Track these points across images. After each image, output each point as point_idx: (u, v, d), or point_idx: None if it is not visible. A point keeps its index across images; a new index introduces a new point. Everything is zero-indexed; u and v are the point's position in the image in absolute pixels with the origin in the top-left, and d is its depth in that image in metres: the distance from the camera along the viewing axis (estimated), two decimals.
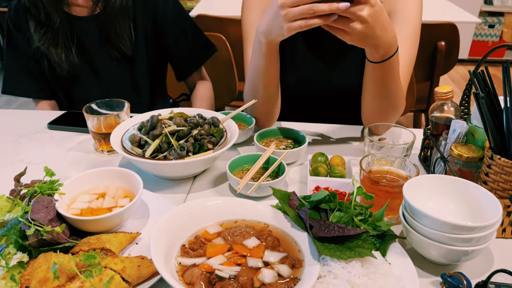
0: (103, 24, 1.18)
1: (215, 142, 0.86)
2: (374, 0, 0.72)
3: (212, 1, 2.59)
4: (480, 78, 0.76)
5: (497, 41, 3.96)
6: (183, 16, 1.29)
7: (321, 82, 1.09)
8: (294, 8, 0.72)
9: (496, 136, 0.71)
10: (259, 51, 0.88)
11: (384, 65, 0.84)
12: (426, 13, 2.30)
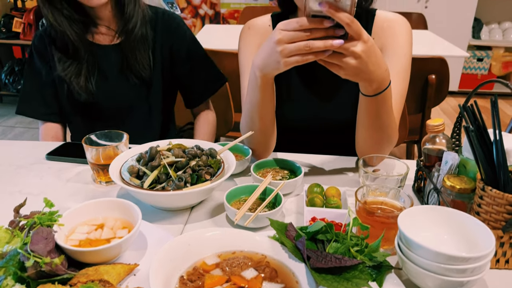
0: (124, 52, 1.23)
1: (212, 173, 0.88)
2: (367, 37, 0.76)
3: (209, 35, 2.65)
4: (470, 112, 0.78)
5: (486, 74, 4.06)
6: (197, 48, 1.35)
7: (316, 115, 1.12)
8: (290, 44, 0.75)
9: (486, 168, 0.73)
10: (255, 84, 0.91)
11: (378, 98, 0.86)
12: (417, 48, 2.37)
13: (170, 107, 1.41)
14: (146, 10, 1.24)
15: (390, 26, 1.06)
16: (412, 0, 3.75)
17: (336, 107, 1.11)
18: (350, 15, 0.71)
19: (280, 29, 0.76)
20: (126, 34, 1.21)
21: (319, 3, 0.70)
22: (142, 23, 1.22)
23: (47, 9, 1.15)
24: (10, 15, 3.70)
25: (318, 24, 0.73)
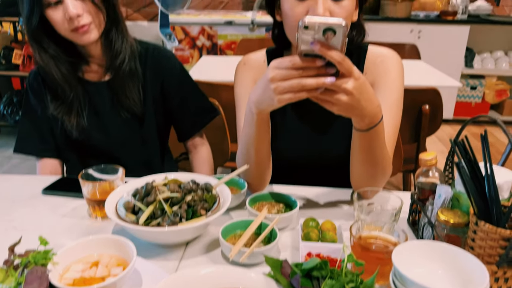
0: (114, 88, 1.25)
1: (208, 208, 0.88)
2: (358, 74, 0.77)
3: (207, 66, 2.69)
4: (461, 146, 0.80)
5: (480, 102, 4.11)
6: (188, 81, 1.36)
7: (310, 148, 1.13)
8: (283, 82, 0.77)
9: (479, 202, 0.73)
10: (251, 119, 0.92)
11: (370, 133, 0.88)
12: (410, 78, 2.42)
13: (164, 140, 1.42)
14: (134, 46, 1.26)
15: (382, 61, 1.08)
16: (405, 31, 3.83)
17: (331, 140, 1.12)
18: (341, 53, 0.73)
19: (273, 67, 0.78)
20: (115, 70, 1.23)
21: (311, 42, 0.73)
22: (130, 58, 1.23)
23: (35, 48, 1.16)
24: (10, 47, 3.76)
25: (310, 63, 0.75)
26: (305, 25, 0.71)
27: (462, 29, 3.84)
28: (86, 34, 1.14)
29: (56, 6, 1.10)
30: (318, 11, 0.91)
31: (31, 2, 1.09)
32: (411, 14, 3.90)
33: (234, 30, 3.93)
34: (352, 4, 0.97)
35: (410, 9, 3.85)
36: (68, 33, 1.13)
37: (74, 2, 1.10)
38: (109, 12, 1.18)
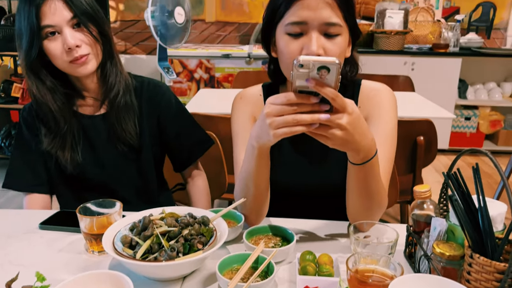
0: (110, 122, 1.25)
1: (205, 242, 0.88)
2: (351, 109, 0.80)
3: (204, 99, 2.73)
4: (454, 179, 0.81)
5: (475, 132, 4.15)
6: (183, 113, 1.38)
7: (307, 180, 1.14)
8: (279, 117, 0.79)
9: (473, 235, 0.74)
10: (251, 154, 0.94)
11: (365, 166, 0.89)
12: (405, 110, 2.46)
13: (161, 171, 1.42)
14: (129, 80, 1.27)
15: (375, 95, 1.11)
16: (398, 63, 3.91)
17: (327, 171, 1.14)
18: (334, 90, 0.76)
19: (269, 103, 0.80)
20: (110, 103, 1.24)
21: (305, 79, 0.75)
22: (125, 92, 1.24)
23: (32, 80, 1.17)
24: (10, 81, 3.80)
25: (305, 99, 0.77)
26: (299, 64, 0.74)
27: (455, 61, 3.92)
28: (84, 65, 1.15)
29: (55, 38, 1.12)
30: (312, 48, 0.94)
31: (31, 34, 1.11)
32: (404, 47, 3.99)
33: (231, 63, 4.01)
34: (345, 41, 1.01)
35: (403, 42, 3.94)
36: (66, 65, 1.15)
37: (73, 33, 1.13)
38: (105, 46, 1.20)
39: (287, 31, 0.98)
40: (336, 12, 0.96)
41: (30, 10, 1.10)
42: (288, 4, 0.97)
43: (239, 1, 4.41)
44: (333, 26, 0.95)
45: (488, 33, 4.39)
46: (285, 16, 0.98)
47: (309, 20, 0.95)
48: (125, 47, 4.52)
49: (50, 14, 1.11)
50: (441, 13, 4.30)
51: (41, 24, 1.11)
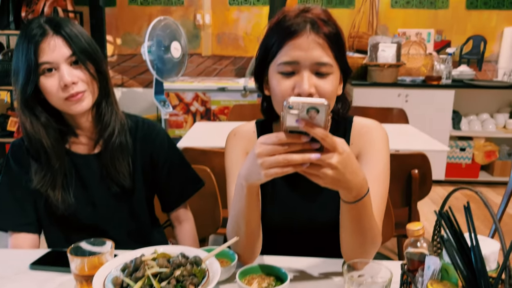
0: (104, 162, 1.24)
1: (197, 283, 0.87)
2: (341, 148, 0.80)
3: (200, 132, 2.75)
4: (446, 218, 0.81)
5: (470, 163, 4.17)
6: (175, 153, 1.37)
7: (300, 216, 1.14)
8: (270, 157, 0.80)
9: (466, 274, 0.74)
10: (241, 193, 0.94)
11: (358, 205, 0.89)
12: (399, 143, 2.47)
13: (152, 210, 1.41)
14: (124, 119, 1.27)
15: (367, 132, 1.12)
16: (392, 95, 3.97)
17: (320, 207, 1.14)
18: (324, 130, 0.77)
19: (260, 143, 0.81)
20: (105, 143, 1.23)
21: (295, 120, 0.76)
22: (120, 132, 1.24)
23: (26, 116, 1.16)
24: (6, 115, 3.83)
25: (295, 139, 0.78)
26: (289, 105, 0.75)
27: (448, 93, 3.98)
28: (79, 103, 1.15)
29: (51, 74, 1.12)
30: (304, 87, 0.96)
31: (28, 70, 1.11)
32: (398, 79, 4.05)
33: (227, 96, 4.06)
34: (336, 79, 1.03)
35: (396, 74, 4.01)
36: (61, 102, 1.14)
37: (70, 70, 1.13)
38: (102, 84, 1.20)
39: (279, 70, 1.00)
40: (327, 52, 0.99)
41: (28, 47, 1.11)
42: (280, 44, 1.00)
43: (235, 36, 4.50)
44: (324, 65, 0.98)
45: (479, 65, 4.48)
46: (277, 56, 1.00)
47: (301, 60, 0.98)
48: (122, 80, 4.57)
49: (49, 51, 1.11)
50: (433, 46, 4.40)
51: (38, 61, 1.11)
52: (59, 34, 1.13)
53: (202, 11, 4.45)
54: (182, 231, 1.41)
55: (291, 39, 0.98)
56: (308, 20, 0.99)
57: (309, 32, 0.98)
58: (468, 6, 4.36)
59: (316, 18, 1.00)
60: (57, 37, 1.12)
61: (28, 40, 1.12)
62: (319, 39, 0.98)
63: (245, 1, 4.43)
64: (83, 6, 4.14)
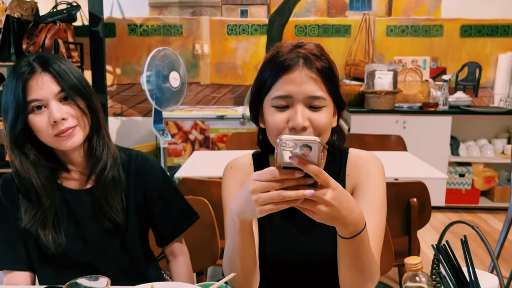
0: (96, 197, 1.22)
1: None
2: (335, 184, 0.81)
3: (198, 162, 2.75)
4: (443, 252, 0.81)
5: (470, 188, 4.16)
6: (169, 187, 1.36)
7: (298, 249, 1.13)
8: (264, 193, 0.79)
9: None
10: (234, 229, 0.93)
11: (355, 240, 0.89)
12: (397, 171, 2.47)
13: (147, 244, 1.38)
14: (117, 153, 1.26)
15: (363, 164, 1.12)
16: (390, 122, 3.99)
17: (318, 239, 1.12)
18: (317, 166, 0.77)
19: (254, 180, 0.81)
20: (97, 177, 1.22)
21: (289, 157, 0.77)
22: (113, 166, 1.22)
23: (16, 154, 1.14)
24: (3, 145, 3.84)
25: (289, 175, 0.78)
26: (282, 143, 0.76)
27: (445, 119, 4.00)
28: (70, 138, 1.13)
29: (41, 112, 1.11)
30: (298, 120, 0.97)
31: (16, 108, 1.10)
32: (395, 106, 4.08)
33: (225, 124, 4.08)
34: (330, 112, 1.04)
35: (393, 101, 4.04)
36: (51, 138, 1.13)
37: (59, 106, 1.12)
38: (93, 118, 1.19)
39: (273, 104, 1.02)
40: (320, 86, 1.00)
41: (17, 85, 1.11)
42: (274, 79, 1.02)
43: (233, 65, 4.56)
44: (317, 99, 1.00)
45: (475, 91, 4.52)
46: (271, 90, 1.02)
47: (294, 94, 0.99)
48: (121, 109, 4.61)
49: (37, 88, 1.11)
50: (429, 73, 4.45)
51: (27, 99, 1.10)
52: (47, 71, 1.13)
53: (201, 41, 4.52)
54: (177, 265, 1.38)
55: (284, 74, 1.00)
56: (301, 55, 1.01)
57: (302, 67, 1.00)
58: (462, 34, 4.44)
59: (308, 53, 1.02)
60: (45, 74, 1.12)
61: (16, 78, 1.12)
62: (312, 73, 1.00)
63: (243, 31, 4.51)
64: (83, 38, 4.21)
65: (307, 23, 4.48)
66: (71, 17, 3.82)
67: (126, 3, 4.46)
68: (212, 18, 4.51)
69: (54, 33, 3.53)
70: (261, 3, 4.48)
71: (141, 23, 4.48)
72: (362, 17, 4.41)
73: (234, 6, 4.50)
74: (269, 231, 1.14)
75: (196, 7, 4.49)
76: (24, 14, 3.75)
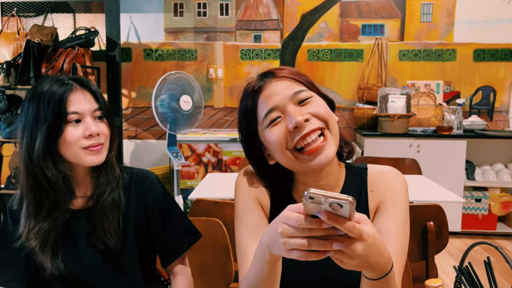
0: (93, 218, 1.22)
1: None
2: (367, 235, 0.74)
3: (212, 184, 2.75)
4: (466, 274, 0.79)
5: (487, 214, 4.08)
6: (170, 203, 1.34)
7: (317, 276, 1.08)
8: (291, 239, 0.75)
9: None
10: (263, 259, 0.89)
11: (381, 281, 0.85)
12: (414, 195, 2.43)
13: (149, 266, 1.35)
14: (121, 176, 1.27)
15: (387, 178, 1.09)
16: (404, 146, 3.96)
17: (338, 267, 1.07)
18: (350, 222, 0.72)
19: (282, 222, 0.77)
20: (97, 199, 1.22)
21: (317, 212, 0.71)
22: (114, 189, 1.23)
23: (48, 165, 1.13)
24: None
25: (317, 225, 0.73)
26: (310, 196, 0.70)
27: (460, 143, 3.96)
28: (98, 155, 1.17)
29: (76, 125, 1.15)
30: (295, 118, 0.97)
31: (56, 118, 1.12)
32: (409, 130, 4.06)
33: (238, 147, 4.09)
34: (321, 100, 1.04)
35: (407, 125, 4.02)
36: (79, 151, 1.15)
37: (95, 122, 1.18)
38: (111, 143, 1.24)
39: (266, 123, 1.02)
40: (296, 84, 1.03)
41: (56, 97, 1.13)
42: (254, 102, 1.04)
43: None
44: (300, 92, 1.01)
45: (490, 115, 4.49)
46: (258, 115, 1.03)
47: (278, 101, 1.00)
48: (136, 132, 4.66)
49: (77, 102, 1.16)
50: (442, 97, 4.43)
51: (67, 110, 1.14)
52: (87, 88, 1.19)
53: (215, 66, 4.58)
54: (175, 284, 1.34)
55: (259, 94, 1.03)
56: (265, 74, 1.06)
57: (271, 80, 1.04)
58: (475, 58, 4.44)
59: (270, 70, 1.06)
60: (85, 91, 1.18)
61: (55, 92, 1.14)
62: (282, 80, 1.03)
63: (256, 55, 4.57)
64: (100, 62, 4.30)
65: (319, 47, 4.52)
66: (89, 42, 3.91)
67: (143, 29, 4.57)
68: (226, 43, 4.58)
69: (72, 57, 3.61)
70: (274, 28, 4.55)
71: (157, 47, 4.57)
72: (374, 41, 4.44)
73: (248, 31, 4.58)
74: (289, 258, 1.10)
75: (210, 32, 4.57)
76: (44, 40, 3.86)
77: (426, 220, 1.91)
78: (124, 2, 4.42)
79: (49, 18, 4.35)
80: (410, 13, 4.45)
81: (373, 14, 4.48)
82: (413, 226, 1.92)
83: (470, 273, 0.79)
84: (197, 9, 4.57)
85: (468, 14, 4.39)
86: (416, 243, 1.95)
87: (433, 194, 2.44)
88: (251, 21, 4.57)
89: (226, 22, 4.58)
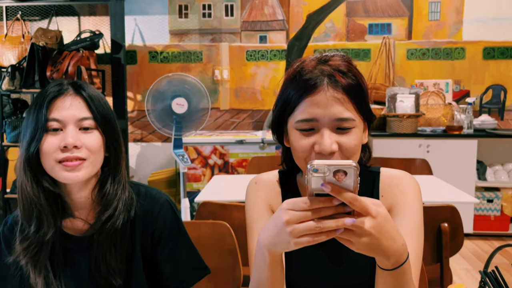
0: (94, 249, 1.08)
1: None
2: (375, 211, 0.73)
3: (218, 186, 2.71)
4: (492, 278, 0.74)
5: (499, 215, 4.00)
6: (180, 232, 1.18)
7: (330, 276, 1.05)
8: (300, 224, 0.72)
9: None
10: (263, 262, 0.86)
11: (396, 272, 0.81)
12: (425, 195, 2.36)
13: None
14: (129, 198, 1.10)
15: (398, 183, 1.05)
16: (413, 146, 3.90)
17: (352, 267, 1.04)
18: (353, 194, 0.70)
19: (287, 209, 0.74)
20: (100, 227, 1.06)
21: (321, 184, 0.70)
22: (121, 214, 1.07)
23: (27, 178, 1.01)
24: None
25: (326, 203, 0.72)
26: (314, 168, 0.70)
27: (470, 143, 3.89)
28: (74, 172, 1.00)
29: (55, 133, 1.01)
30: (325, 145, 0.91)
31: (35, 126, 1.00)
32: (418, 130, 3.99)
33: (245, 149, 4.04)
34: (360, 131, 0.97)
35: (416, 125, 3.96)
36: (53, 164, 1.00)
37: (76, 133, 1.01)
38: (111, 158, 1.07)
39: (298, 127, 0.96)
40: (347, 106, 0.93)
41: (42, 103, 1.02)
42: (298, 100, 0.95)
43: (252, 90, 4.56)
44: (345, 121, 0.93)
45: (501, 114, 4.40)
46: (295, 112, 0.96)
47: (320, 117, 0.93)
48: (141, 135, 4.63)
49: (62, 109, 1.02)
50: (452, 96, 4.36)
51: (48, 116, 1.00)
52: (79, 94, 1.05)
53: (220, 67, 4.55)
54: None
55: (308, 96, 0.93)
56: (326, 72, 0.94)
57: (327, 87, 0.93)
58: (485, 56, 4.36)
59: (333, 71, 0.94)
60: (76, 97, 1.04)
61: (44, 96, 1.03)
62: (337, 93, 0.92)
63: (262, 56, 4.52)
64: (105, 65, 4.28)
65: (326, 47, 4.47)
66: (94, 45, 3.90)
67: (147, 31, 4.54)
68: (231, 44, 4.54)
69: (77, 60, 3.59)
70: (280, 28, 4.51)
71: (162, 50, 4.55)
72: (381, 41, 4.38)
73: (253, 32, 4.54)
74: (296, 259, 1.07)
75: (215, 33, 4.54)
76: (49, 43, 3.84)
77: (440, 222, 1.85)
78: (129, 4, 4.40)
79: (54, 21, 4.34)
80: (417, 12, 4.39)
81: (380, 13, 4.42)
82: (426, 227, 1.86)
83: (496, 277, 0.74)
84: (202, 11, 4.54)
85: (477, 11, 4.32)
86: (430, 246, 1.88)
87: (445, 194, 2.37)
88: (257, 22, 4.53)
89: (231, 23, 4.55)
